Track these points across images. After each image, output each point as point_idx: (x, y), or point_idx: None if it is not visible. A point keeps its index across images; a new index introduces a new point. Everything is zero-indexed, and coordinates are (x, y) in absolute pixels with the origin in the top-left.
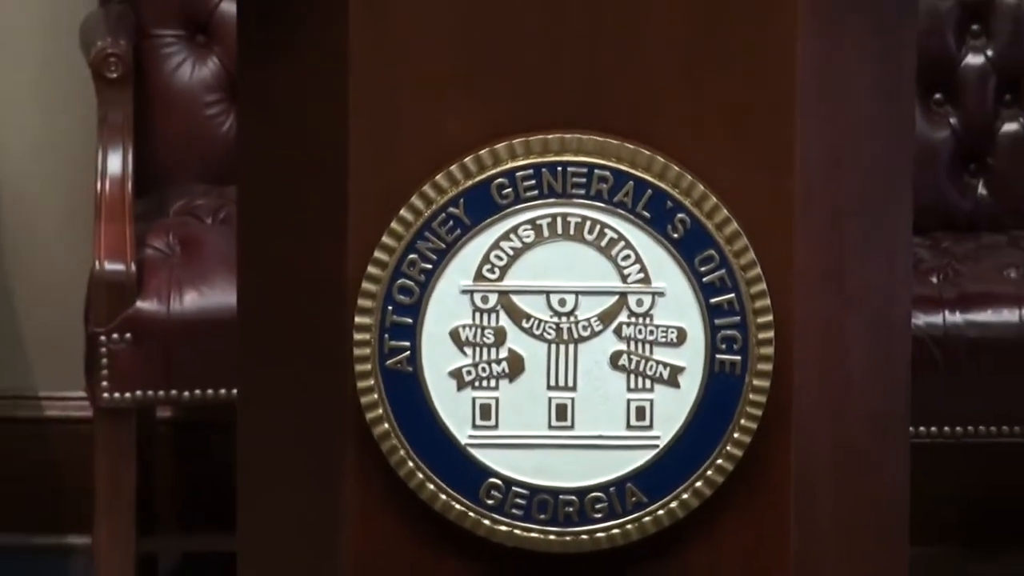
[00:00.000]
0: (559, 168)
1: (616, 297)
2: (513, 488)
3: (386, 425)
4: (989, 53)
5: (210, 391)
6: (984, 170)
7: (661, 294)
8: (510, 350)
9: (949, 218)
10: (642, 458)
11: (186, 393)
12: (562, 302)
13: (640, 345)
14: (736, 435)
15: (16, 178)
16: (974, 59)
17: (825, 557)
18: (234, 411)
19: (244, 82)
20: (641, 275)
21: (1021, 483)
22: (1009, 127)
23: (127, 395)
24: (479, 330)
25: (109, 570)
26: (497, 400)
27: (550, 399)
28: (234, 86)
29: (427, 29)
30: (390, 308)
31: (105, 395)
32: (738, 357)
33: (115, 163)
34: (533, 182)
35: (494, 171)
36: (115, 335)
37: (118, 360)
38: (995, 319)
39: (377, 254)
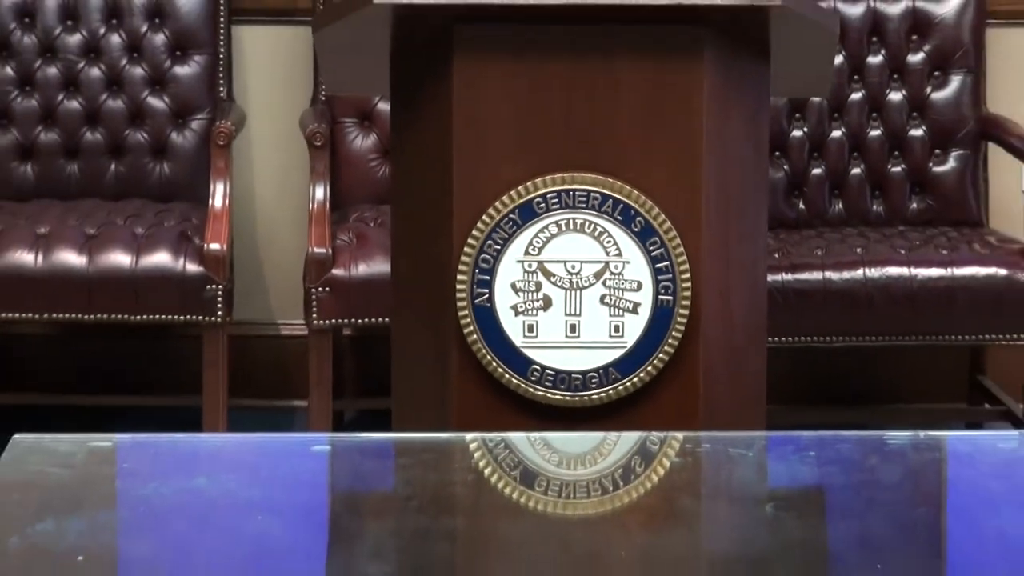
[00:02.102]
0: (570, 192)
1: (602, 264)
2: (546, 370)
3: (475, 336)
4: (805, 130)
5: (373, 319)
6: (802, 195)
7: (628, 262)
8: (544, 294)
9: (784, 221)
10: (617, 354)
11: (360, 320)
12: (572, 267)
13: (616, 291)
14: (670, 340)
15: (268, 201)
16: (796, 132)
17: (719, 407)
18: (388, 330)
19: (393, 146)
20: (616, 252)
21: (822, 369)
22: (816, 171)
23: (326, 321)
24: (526, 283)
25: (317, 421)
26: (537, 322)
27: (566, 321)
28: (386, 149)
29: (496, 115)
30: (476, 271)
31: (315, 322)
32: (671, 297)
33: (320, 192)
34: (556, 200)
35: (534, 194)
36: (320, 288)
37: (321, 303)
38: (809, 277)
39: (469, 241)
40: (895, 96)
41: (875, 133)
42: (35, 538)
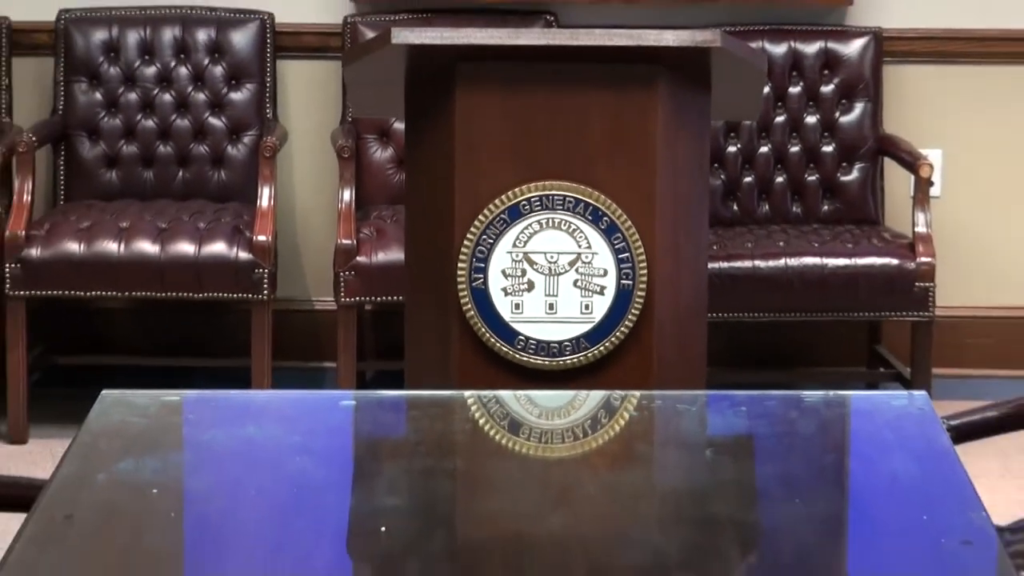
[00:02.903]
0: (549, 196)
1: (575, 255)
2: (529, 340)
3: (472, 312)
4: (738, 146)
5: (390, 297)
6: (735, 199)
7: (596, 253)
8: (528, 279)
9: (721, 220)
10: (587, 327)
11: (379, 297)
12: (551, 257)
13: (586, 277)
14: (630, 316)
15: (305, 202)
16: (731, 148)
17: (668, 370)
18: (402, 306)
19: (406, 158)
20: (587, 245)
21: (751, 339)
22: (747, 179)
23: (352, 299)
24: (513, 270)
25: (344, 380)
26: (522, 301)
27: (545, 300)
28: (400, 160)
29: (490, 134)
30: (473, 260)
31: (342, 299)
32: (630, 282)
33: (347, 195)
34: (538, 203)
35: (520, 198)
36: (347, 272)
37: (347, 284)
38: (741, 265)
39: (467, 235)
40: (810, 119)
41: (794, 149)
42: (118, 474)
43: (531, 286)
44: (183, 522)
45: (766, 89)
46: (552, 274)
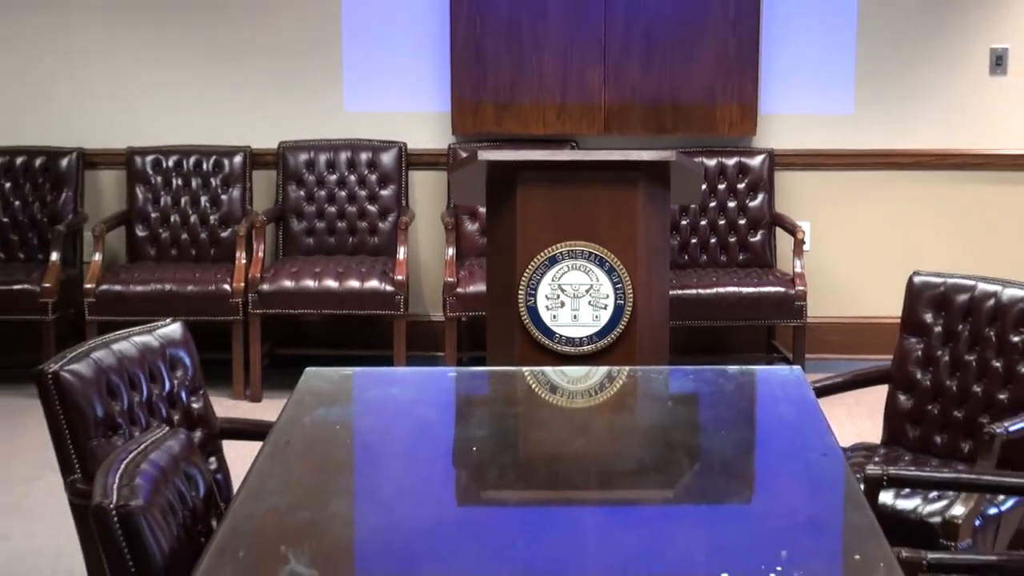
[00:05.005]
0: (574, 250)
1: (589, 285)
2: (562, 337)
3: (527, 320)
4: (687, 220)
5: (477, 313)
6: (686, 251)
7: (602, 285)
8: (561, 299)
9: (677, 264)
10: (596, 329)
11: (470, 313)
12: (575, 287)
13: (596, 299)
14: (622, 323)
15: (425, 255)
16: (683, 221)
17: (646, 355)
18: (484, 319)
19: (487, 228)
20: (596, 279)
21: (696, 337)
22: (692, 240)
23: (453, 314)
24: (553, 295)
25: (449, 362)
26: (558, 313)
27: (571, 312)
28: (483, 230)
29: (538, 213)
30: (528, 289)
31: (448, 313)
32: (622, 302)
33: (450, 251)
34: (567, 254)
35: (555, 251)
36: (450, 298)
37: (451, 304)
38: (689, 292)
39: (524, 274)
40: (731, 204)
41: (721, 222)
42: (315, 417)
43: (563, 304)
44: (353, 446)
45: (703, 185)
46: (575, 297)
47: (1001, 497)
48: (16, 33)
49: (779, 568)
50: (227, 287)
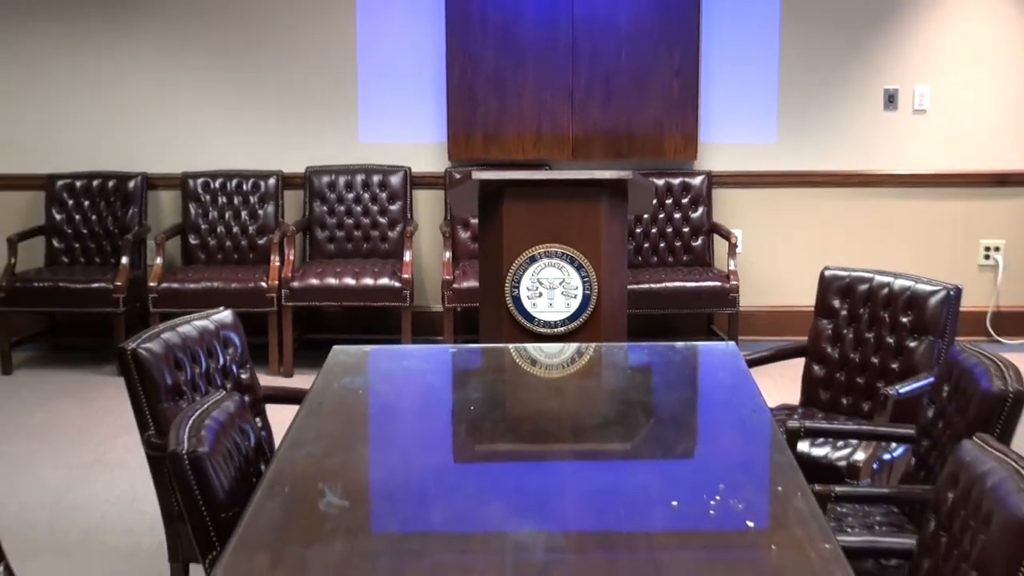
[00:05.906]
0: (550, 251)
1: (562, 279)
2: (541, 320)
3: (513, 308)
4: (640, 228)
5: (471, 304)
6: (640, 253)
7: (572, 279)
8: (540, 291)
9: (632, 265)
10: (568, 314)
11: (464, 304)
12: (550, 280)
13: (567, 290)
14: (589, 309)
15: (427, 258)
16: (638, 228)
17: (608, 335)
18: (477, 308)
19: (479, 235)
20: (568, 274)
21: (650, 322)
22: (645, 245)
23: (451, 305)
24: (533, 287)
25: (447, 342)
26: (537, 302)
27: (548, 301)
28: (475, 236)
29: (521, 221)
30: (513, 282)
31: (446, 305)
32: (589, 292)
33: (447, 254)
34: (544, 254)
35: (535, 252)
36: (448, 292)
37: (448, 297)
38: (642, 286)
39: (510, 271)
40: (676, 215)
41: (669, 229)
42: (342, 384)
43: (541, 295)
44: (372, 406)
45: (654, 200)
46: (551, 288)
47: (893, 445)
48: (95, 79)
49: (718, 497)
50: (264, 284)
